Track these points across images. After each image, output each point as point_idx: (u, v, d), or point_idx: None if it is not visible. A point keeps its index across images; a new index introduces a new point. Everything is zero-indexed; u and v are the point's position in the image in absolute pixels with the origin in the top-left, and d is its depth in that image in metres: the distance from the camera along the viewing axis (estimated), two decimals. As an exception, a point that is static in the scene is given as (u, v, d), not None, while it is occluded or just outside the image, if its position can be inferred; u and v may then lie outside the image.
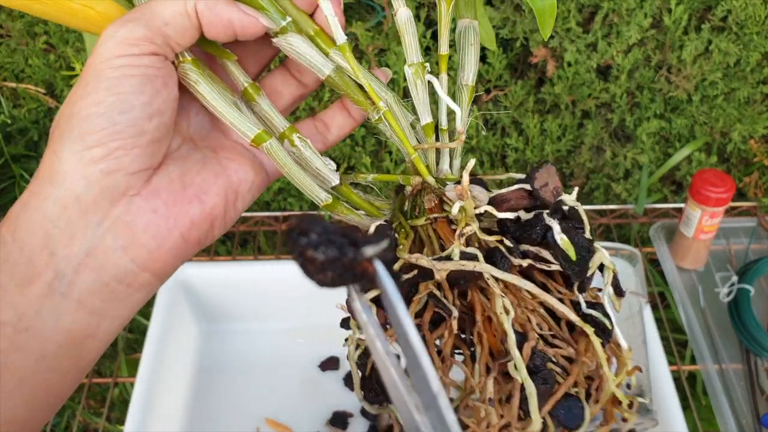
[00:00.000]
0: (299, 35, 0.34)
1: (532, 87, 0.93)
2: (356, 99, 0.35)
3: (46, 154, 0.30)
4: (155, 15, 0.31)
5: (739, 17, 0.83)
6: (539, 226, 0.31)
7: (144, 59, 0.30)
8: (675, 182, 1.02)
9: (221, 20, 0.31)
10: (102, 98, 0.29)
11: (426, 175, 0.35)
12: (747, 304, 0.79)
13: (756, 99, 0.92)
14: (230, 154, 0.35)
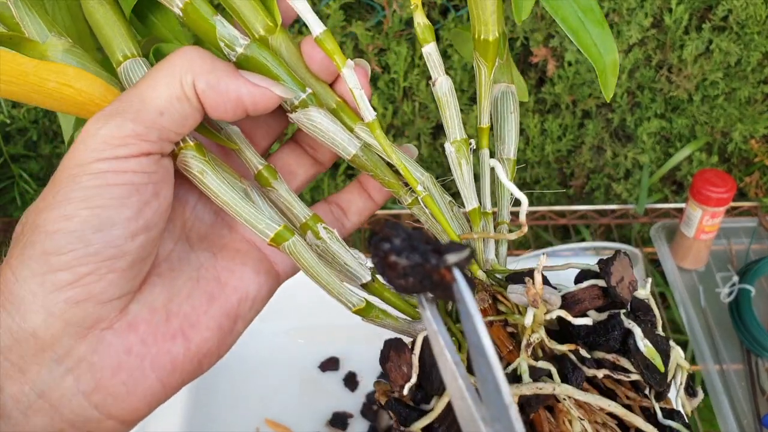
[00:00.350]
0: (320, 109, 0.29)
1: (532, 87, 0.93)
2: (385, 180, 0.31)
3: (3, 265, 0.25)
4: (147, 104, 0.25)
5: (739, 17, 0.83)
6: (617, 330, 0.27)
7: (131, 162, 0.24)
8: (676, 182, 1.02)
9: (228, 98, 0.26)
10: (74, 211, 0.24)
11: (476, 271, 0.30)
12: (748, 304, 0.79)
13: (757, 99, 0.91)
14: (233, 259, 0.29)
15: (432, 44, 0.29)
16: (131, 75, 0.28)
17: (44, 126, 0.97)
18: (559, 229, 1.04)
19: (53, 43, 0.27)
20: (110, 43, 0.28)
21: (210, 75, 0.25)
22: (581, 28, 0.31)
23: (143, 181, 0.25)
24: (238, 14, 0.29)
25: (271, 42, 0.29)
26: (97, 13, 0.29)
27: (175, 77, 0.25)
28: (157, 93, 0.25)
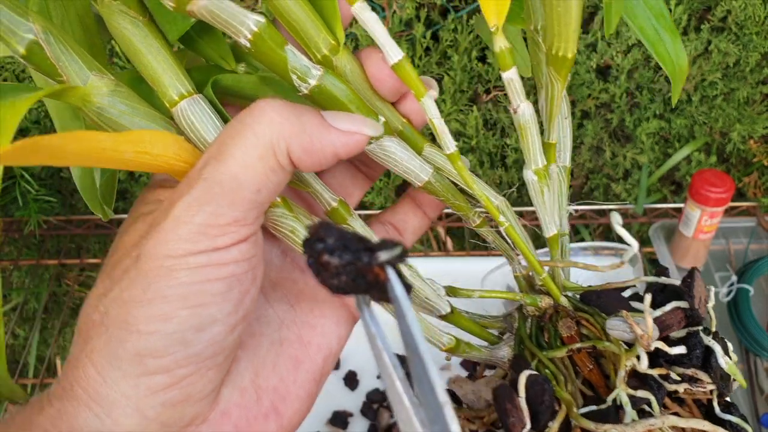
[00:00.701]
0: (393, 137, 0.28)
1: (531, 87, 0.93)
2: (456, 205, 0.30)
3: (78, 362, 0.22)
4: (242, 184, 0.22)
5: (738, 18, 0.83)
6: (698, 349, 0.28)
7: (232, 252, 0.22)
8: (674, 182, 1.02)
9: (324, 156, 0.24)
10: (172, 311, 0.21)
11: (559, 297, 0.30)
12: (746, 304, 0.79)
13: (755, 99, 0.92)
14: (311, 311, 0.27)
15: (513, 69, 0.28)
16: (191, 117, 0.25)
17: (46, 126, 0.97)
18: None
19: (96, 86, 0.25)
20: (159, 80, 0.25)
21: (303, 137, 0.23)
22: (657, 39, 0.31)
23: (244, 269, 0.23)
24: (298, 32, 0.26)
25: (336, 63, 0.27)
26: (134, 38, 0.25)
27: (268, 148, 0.23)
28: (251, 170, 0.22)
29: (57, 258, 0.92)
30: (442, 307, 0.29)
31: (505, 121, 0.95)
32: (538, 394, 0.27)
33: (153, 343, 0.21)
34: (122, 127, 0.25)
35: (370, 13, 0.27)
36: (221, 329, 0.22)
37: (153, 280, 0.22)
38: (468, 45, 0.89)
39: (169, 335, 0.21)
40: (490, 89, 0.94)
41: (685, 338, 0.28)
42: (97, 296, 0.23)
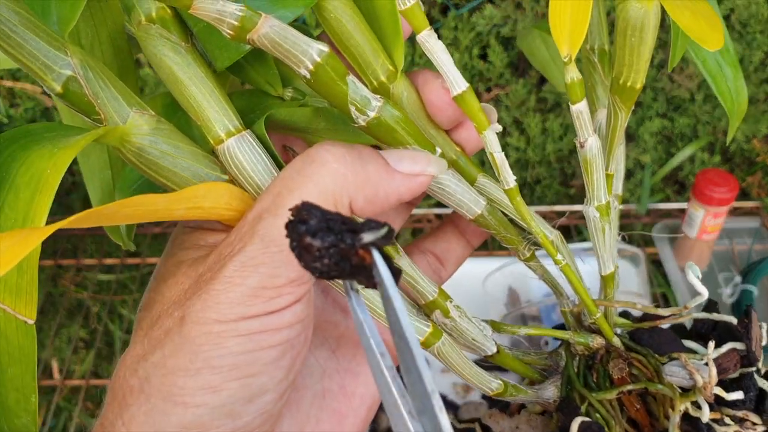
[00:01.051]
0: (449, 170, 0.26)
1: (533, 86, 0.92)
2: (507, 238, 0.29)
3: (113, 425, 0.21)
4: None
5: (741, 16, 0.82)
6: (752, 391, 0.27)
7: (287, 315, 0.20)
8: (678, 182, 1.01)
9: (388, 203, 0.22)
10: (222, 383, 0.20)
11: (612, 337, 0.29)
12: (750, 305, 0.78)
13: (759, 98, 0.91)
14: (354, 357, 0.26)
15: (583, 102, 0.26)
16: (239, 156, 0.23)
17: (42, 125, 0.96)
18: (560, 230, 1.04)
19: (136, 124, 0.22)
20: (204, 115, 0.23)
21: (367, 188, 0.21)
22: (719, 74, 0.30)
23: (297, 332, 0.21)
24: (355, 57, 0.25)
25: (393, 90, 0.26)
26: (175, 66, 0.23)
27: (329, 202, 0.21)
28: None
29: (53, 258, 0.92)
30: (489, 347, 0.28)
31: (506, 120, 0.94)
32: None
33: (200, 416, 0.20)
34: (163, 168, 0.23)
35: (437, 41, 0.25)
36: (272, 397, 0.21)
37: (200, 348, 0.20)
38: (469, 43, 0.88)
39: (217, 408, 0.20)
40: (491, 88, 0.93)
41: (739, 379, 0.27)
42: (136, 358, 0.21)
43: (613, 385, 0.28)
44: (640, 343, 0.29)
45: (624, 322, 0.30)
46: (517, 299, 0.72)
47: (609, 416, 0.28)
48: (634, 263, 0.73)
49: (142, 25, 0.23)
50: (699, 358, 0.27)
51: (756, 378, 0.27)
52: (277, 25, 0.22)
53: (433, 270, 0.30)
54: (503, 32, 0.87)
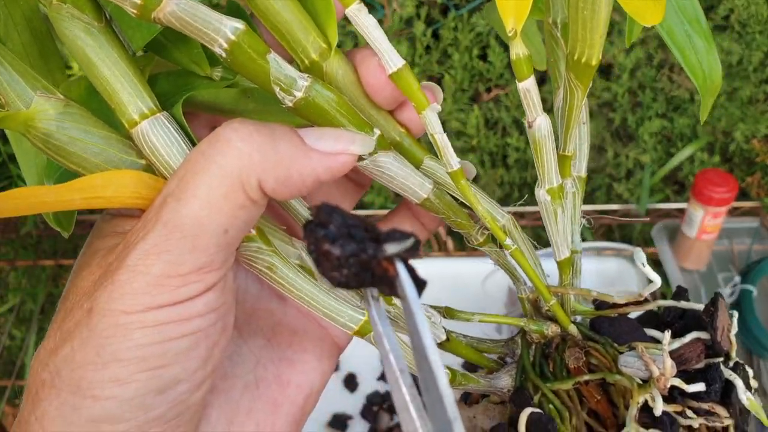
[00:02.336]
0: (389, 153, 0.25)
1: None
2: (457, 222, 0.28)
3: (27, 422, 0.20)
4: (206, 227, 0.19)
5: (741, 16, 0.82)
6: (718, 383, 0.26)
7: (197, 305, 0.20)
8: (677, 182, 1.01)
9: (304, 185, 0.21)
10: (129, 375, 0.19)
11: (568, 324, 0.28)
12: (749, 304, 0.78)
13: (758, 98, 0.91)
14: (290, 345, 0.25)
15: (531, 79, 0.25)
16: (153, 140, 0.22)
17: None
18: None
19: (41, 108, 0.21)
20: (117, 97, 0.22)
21: (278, 168, 0.20)
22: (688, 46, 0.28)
23: (211, 321, 0.20)
24: (283, 35, 0.24)
25: (326, 69, 0.24)
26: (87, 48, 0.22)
27: (235, 184, 0.20)
28: (216, 211, 0.19)
29: (54, 259, 0.92)
30: (438, 335, 0.27)
31: (506, 120, 0.94)
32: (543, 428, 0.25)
33: (109, 409, 0.19)
34: (72, 155, 0.22)
35: (368, 16, 0.24)
36: (186, 387, 0.20)
37: (107, 340, 0.19)
38: (469, 43, 0.89)
39: (127, 401, 0.19)
40: (491, 88, 0.93)
41: (704, 370, 0.26)
42: (48, 352, 0.20)
43: (569, 375, 0.27)
44: (600, 331, 0.28)
45: (585, 309, 0.29)
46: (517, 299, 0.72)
47: (564, 408, 0.27)
48: (633, 263, 0.73)
49: (54, 5, 0.22)
50: (660, 349, 0.26)
51: (722, 369, 0.26)
52: (184, 2, 0.21)
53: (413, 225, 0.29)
54: (503, 33, 0.87)
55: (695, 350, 0.26)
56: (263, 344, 0.25)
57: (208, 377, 0.21)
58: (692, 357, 0.26)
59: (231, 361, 0.24)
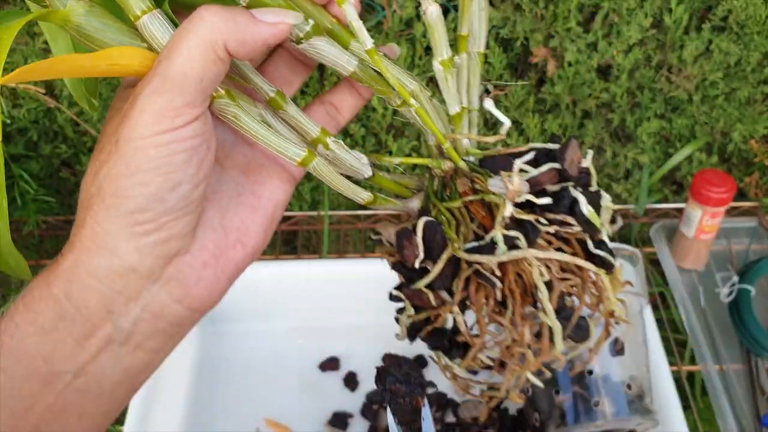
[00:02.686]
0: (323, 37, 0.33)
1: (532, 87, 0.93)
2: (380, 90, 0.35)
3: (84, 223, 0.30)
4: (188, 76, 0.28)
5: (739, 17, 0.83)
6: (567, 200, 0.34)
7: (188, 130, 0.29)
8: (676, 182, 1.02)
9: (256, 47, 0.30)
10: (149, 179, 0.28)
11: (458, 161, 0.36)
12: (748, 304, 0.79)
13: (757, 99, 0.91)
14: (259, 173, 0.35)
15: None
16: (152, 30, 0.30)
17: (44, 126, 0.97)
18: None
19: (73, 7, 0.30)
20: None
21: (237, 34, 0.29)
22: None
23: (199, 142, 0.29)
24: None
25: None
26: None
27: (208, 45, 0.28)
28: (194, 64, 0.28)
29: (56, 258, 0.92)
30: (365, 171, 0.36)
31: (505, 121, 0.95)
32: (431, 234, 0.35)
33: (138, 203, 0.29)
34: (97, 41, 0.30)
35: None
36: (187, 187, 0.30)
37: (131, 158, 0.28)
38: (468, 44, 0.89)
39: (149, 196, 0.29)
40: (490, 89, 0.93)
41: (559, 191, 0.35)
42: (92, 175, 0.30)
43: (459, 197, 0.36)
44: (483, 166, 0.36)
45: (477, 152, 0.37)
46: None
47: (452, 219, 0.36)
48: (632, 263, 0.74)
49: None
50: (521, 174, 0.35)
51: (570, 190, 0.34)
52: None
53: (331, 117, 0.37)
54: (502, 34, 0.88)
55: (548, 176, 0.35)
56: (240, 173, 0.34)
57: (201, 182, 0.30)
58: (545, 180, 0.35)
59: (218, 182, 0.34)
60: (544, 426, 0.67)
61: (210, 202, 0.33)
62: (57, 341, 0.30)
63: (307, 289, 0.81)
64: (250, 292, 0.82)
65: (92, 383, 0.31)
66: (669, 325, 0.86)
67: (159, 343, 0.32)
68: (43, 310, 0.30)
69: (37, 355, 0.29)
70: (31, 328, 0.30)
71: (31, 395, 0.30)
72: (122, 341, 0.31)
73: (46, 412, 0.30)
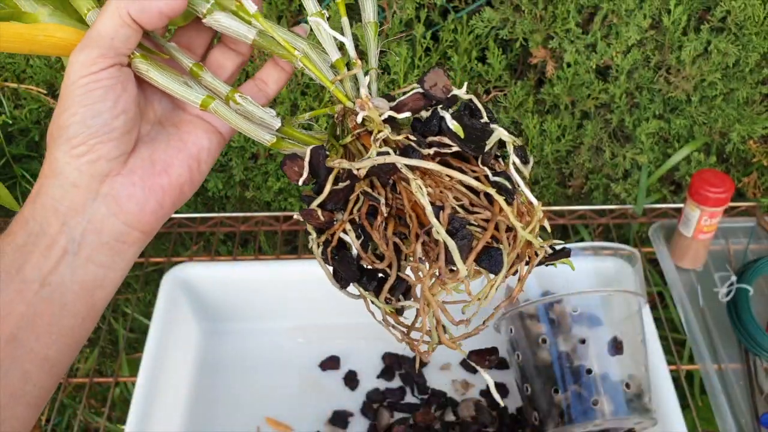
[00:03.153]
0: (223, 11, 0.40)
1: (531, 87, 0.93)
2: (281, 53, 0.41)
3: (45, 158, 0.39)
4: (102, 35, 0.38)
5: (738, 18, 0.83)
6: (435, 118, 0.38)
7: (102, 74, 0.38)
8: (674, 182, 1.02)
9: (153, 13, 0.38)
10: (76, 110, 0.37)
11: (345, 101, 0.41)
12: (746, 304, 0.79)
13: (755, 99, 0.92)
14: (189, 127, 0.43)
15: None
16: (93, 18, 0.40)
17: (46, 127, 0.97)
18: (558, 229, 1.05)
19: (41, 12, 0.40)
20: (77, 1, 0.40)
21: (137, 3, 0.37)
22: None
23: (112, 83, 0.38)
24: None
25: None
26: None
27: (115, 12, 0.37)
28: (105, 26, 0.37)
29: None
30: (274, 123, 0.42)
31: (505, 121, 0.95)
32: (316, 159, 0.40)
33: (71, 130, 0.37)
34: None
35: None
36: (107, 116, 0.38)
37: (65, 98, 0.38)
38: (468, 45, 0.89)
39: (78, 123, 0.37)
40: (490, 89, 0.94)
41: (431, 115, 0.38)
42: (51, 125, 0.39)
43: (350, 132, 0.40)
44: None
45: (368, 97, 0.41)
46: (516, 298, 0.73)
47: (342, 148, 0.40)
48: (631, 262, 0.74)
49: None
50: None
51: (439, 111, 0.38)
52: None
53: (260, 89, 0.44)
54: (502, 35, 0.88)
55: (412, 99, 0.38)
56: (172, 126, 0.43)
57: (119, 114, 0.38)
58: (408, 102, 0.38)
59: (156, 133, 0.42)
60: (543, 425, 0.67)
61: (145, 144, 0.41)
62: (26, 254, 0.38)
63: (307, 289, 0.81)
64: (251, 292, 0.82)
65: (55, 294, 0.38)
66: (667, 325, 0.86)
67: (107, 258, 0.40)
68: (16, 231, 0.38)
69: (12, 268, 0.37)
70: (8, 247, 0.38)
71: (8, 302, 0.37)
72: (75, 251, 0.38)
73: (20, 319, 0.37)
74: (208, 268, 0.82)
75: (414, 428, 0.75)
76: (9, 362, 0.37)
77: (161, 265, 0.94)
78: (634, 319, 0.70)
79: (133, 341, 1.03)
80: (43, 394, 0.39)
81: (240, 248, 1.06)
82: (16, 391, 0.37)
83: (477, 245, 0.37)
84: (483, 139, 0.38)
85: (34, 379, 0.38)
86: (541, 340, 0.68)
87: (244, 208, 1.04)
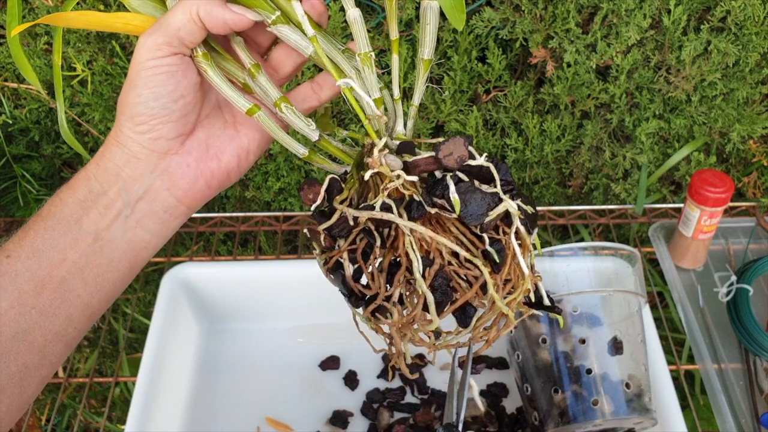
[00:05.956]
0: (287, 25, 0.43)
1: (531, 87, 0.93)
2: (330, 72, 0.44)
3: (114, 125, 0.44)
4: (170, 24, 0.41)
5: (738, 18, 0.83)
6: (441, 185, 0.40)
7: (167, 60, 0.41)
8: (674, 182, 1.02)
9: (217, 20, 0.41)
10: (141, 92, 0.41)
11: (374, 137, 0.43)
12: (746, 303, 0.79)
13: (755, 99, 0.92)
14: (244, 120, 0.46)
15: None
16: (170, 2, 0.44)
17: (46, 127, 0.97)
18: (558, 229, 1.05)
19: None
20: None
21: (207, 6, 0.41)
22: None
23: (174, 69, 0.41)
24: None
25: None
26: None
27: (186, 8, 0.41)
28: (176, 18, 0.41)
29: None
30: (312, 135, 0.44)
31: (504, 121, 0.95)
32: (331, 189, 0.43)
33: (135, 109, 0.42)
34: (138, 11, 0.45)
35: None
36: (167, 99, 0.42)
37: (132, 79, 0.42)
38: (468, 45, 0.89)
39: (142, 104, 0.41)
40: (489, 89, 0.94)
41: (440, 179, 0.40)
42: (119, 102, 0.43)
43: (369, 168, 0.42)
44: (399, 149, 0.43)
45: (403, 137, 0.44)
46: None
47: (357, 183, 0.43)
48: (631, 262, 0.74)
49: None
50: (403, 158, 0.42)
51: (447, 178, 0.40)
52: None
53: (314, 92, 0.47)
54: (502, 35, 0.88)
55: (425, 161, 0.41)
56: (231, 118, 0.47)
57: (179, 98, 0.42)
58: (420, 164, 0.41)
59: (215, 117, 0.46)
60: (543, 424, 0.67)
61: (203, 127, 0.45)
62: (86, 209, 0.42)
63: (307, 289, 0.81)
64: (251, 292, 0.82)
65: (105, 248, 0.43)
66: (667, 325, 0.86)
67: (154, 225, 0.44)
68: (79, 186, 0.43)
69: (71, 219, 0.42)
70: (69, 199, 0.42)
71: (64, 248, 0.41)
72: (128, 214, 0.43)
73: (72, 266, 0.41)
74: (208, 268, 0.82)
75: (414, 428, 0.75)
76: (58, 304, 0.41)
77: (161, 265, 0.94)
78: (634, 318, 0.70)
79: (133, 341, 1.03)
80: (79, 337, 0.43)
81: (240, 248, 1.06)
82: (59, 331, 0.41)
83: (457, 302, 0.39)
84: (486, 210, 0.40)
85: (75, 323, 0.42)
86: (541, 340, 0.68)
87: (244, 208, 1.04)
